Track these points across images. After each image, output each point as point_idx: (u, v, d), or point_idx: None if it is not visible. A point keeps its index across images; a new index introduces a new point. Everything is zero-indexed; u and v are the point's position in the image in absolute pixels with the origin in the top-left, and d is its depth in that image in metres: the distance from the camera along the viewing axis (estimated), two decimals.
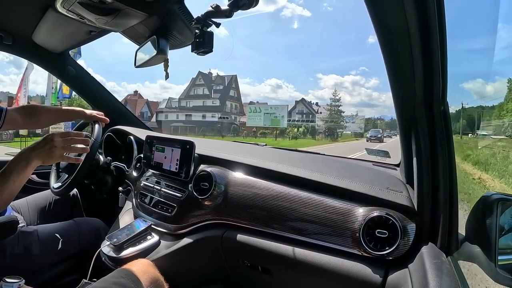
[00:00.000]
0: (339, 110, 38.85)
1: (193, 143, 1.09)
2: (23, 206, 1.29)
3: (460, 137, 9.55)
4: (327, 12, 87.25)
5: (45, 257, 1.10)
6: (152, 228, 1.10)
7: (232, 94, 40.01)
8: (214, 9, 0.77)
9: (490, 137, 8.36)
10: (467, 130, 9.79)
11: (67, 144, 0.94)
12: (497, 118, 9.05)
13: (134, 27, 1.05)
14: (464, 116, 9.33)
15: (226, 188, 1.01)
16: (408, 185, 0.88)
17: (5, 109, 1.12)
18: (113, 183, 1.43)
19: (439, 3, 0.57)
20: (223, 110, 37.73)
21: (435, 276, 0.60)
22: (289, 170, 0.96)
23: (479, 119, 9.34)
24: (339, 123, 37.79)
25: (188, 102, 39.49)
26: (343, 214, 0.82)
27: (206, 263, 1.07)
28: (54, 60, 1.52)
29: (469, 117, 9.66)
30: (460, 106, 9.06)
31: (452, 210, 0.70)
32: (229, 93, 39.23)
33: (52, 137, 0.93)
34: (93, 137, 1.18)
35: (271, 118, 33.60)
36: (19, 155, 0.90)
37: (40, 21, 1.16)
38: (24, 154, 0.90)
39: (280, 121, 33.65)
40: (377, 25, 0.59)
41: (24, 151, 0.91)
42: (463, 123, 9.34)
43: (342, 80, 73.80)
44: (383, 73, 0.67)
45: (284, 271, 0.92)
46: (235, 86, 41.05)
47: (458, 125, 8.93)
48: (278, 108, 34.84)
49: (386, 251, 0.74)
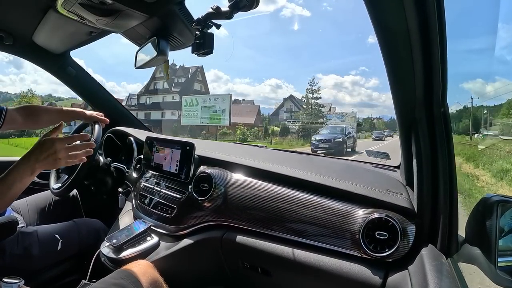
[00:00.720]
0: (318, 104, 31.46)
1: (193, 144, 1.09)
2: (22, 207, 1.29)
3: (470, 138, 9.50)
4: (327, 12, 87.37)
5: (45, 257, 1.10)
6: (151, 229, 1.09)
7: (198, 88, 33.52)
8: (215, 10, 0.77)
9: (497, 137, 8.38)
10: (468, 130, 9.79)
11: (71, 153, 0.93)
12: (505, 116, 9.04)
13: (134, 28, 1.05)
14: (467, 116, 9.34)
15: (226, 189, 1.01)
16: (408, 187, 0.88)
17: (5, 109, 1.12)
18: (113, 184, 1.43)
19: (439, 4, 0.57)
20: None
21: (435, 278, 0.60)
22: (289, 171, 0.96)
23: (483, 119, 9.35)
24: (318, 122, 28.97)
25: (147, 98, 33.11)
26: (343, 216, 0.82)
27: (206, 264, 1.07)
28: (54, 60, 1.53)
29: (473, 116, 9.66)
30: (464, 106, 9.05)
31: (452, 212, 0.70)
32: (193, 87, 32.74)
33: (55, 147, 0.90)
34: (93, 138, 1.18)
35: (209, 113, 23.82)
36: (22, 164, 0.88)
37: (41, 21, 1.17)
38: (28, 164, 0.88)
39: (221, 117, 23.43)
40: (377, 26, 0.59)
41: (27, 161, 0.89)
42: (465, 124, 9.36)
43: (342, 80, 73.54)
44: (383, 73, 0.67)
45: (284, 272, 0.92)
46: (202, 79, 34.67)
47: (462, 124, 8.95)
48: (218, 99, 23.99)
49: (386, 253, 0.74)
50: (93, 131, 1.22)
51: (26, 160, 0.89)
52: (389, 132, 37.30)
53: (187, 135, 21.97)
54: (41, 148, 0.90)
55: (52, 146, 0.90)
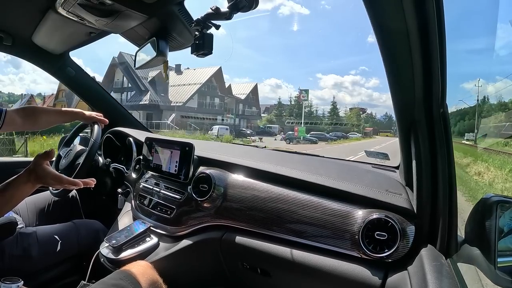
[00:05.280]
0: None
1: (193, 145, 1.09)
2: (22, 208, 1.29)
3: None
4: (325, 11, 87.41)
5: (44, 258, 1.10)
6: (151, 230, 1.09)
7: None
8: (214, 11, 0.78)
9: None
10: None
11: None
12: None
13: (134, 29, 1.05)
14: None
15: (225, 190, 1.01)
16: (407, 187, 0.88)
17: (5, 110, 1.12)
18: (112, 184, 1.42)
19: (439, 5, 0.57)
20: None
21: (434, 279, 0.60)
22: (288, 172, 0.96)
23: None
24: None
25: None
26: (342, 216, 0.82)
27: (205, 265, 1.07)
28: (53, 61, 1.52)
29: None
30: (466, 105, 9.01)
31: (451, 212, 0.70)
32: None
33: (45, 180, 0.88)
34: (92, 139, 1.18)
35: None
36: (23, 179, 0.87)
37: (40, 22, 1.16)
38: (29, 181, 0.87)
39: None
40: (376, 27, 0.60)
41: (28, 178, 0.87)
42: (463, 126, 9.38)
43: (342, 80, 73.50)
44: (383, 73, 0.67)
45: (283, 273, 0.92)
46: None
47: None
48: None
49: (385, 253, 0.74)
50: (92, 131, 1.22)
51: (25, 177, 0.87)
52: (334, 135, 28.29)
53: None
54: (36, 173, 0.88)
55: (44, 177, 0.88)
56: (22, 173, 0.87)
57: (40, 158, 0.89)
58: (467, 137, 14.15)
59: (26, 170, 0.88)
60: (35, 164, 0.88)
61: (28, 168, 0.88)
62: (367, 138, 33.46)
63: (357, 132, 34.48)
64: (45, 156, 0.89)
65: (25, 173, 0.87)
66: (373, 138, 34.39)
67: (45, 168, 0.88)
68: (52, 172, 0.89)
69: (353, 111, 41.65)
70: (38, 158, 0.89)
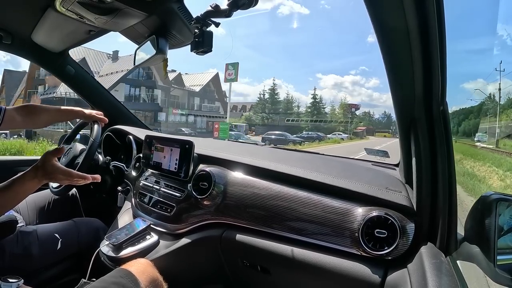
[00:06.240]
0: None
1: (192, 142, 1.09)
2: (22, 206, 1.29)
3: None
4: (325, 11, 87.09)
5: (44, 257, 1.10)
6: (151, 227, 1.09)
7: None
8: (214, 8, 0.78)
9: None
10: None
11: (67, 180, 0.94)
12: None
13: (133, 26, 1.05)
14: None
15: (225, 188, 1.01)
16: (407, 185, 0.88)
17: (4, 109, 1.12)
18: (112, 182, 1.42)
19: (439, 4, 0.57)
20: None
21: (434, 276, 0.60)
22: (288, 169, 0.96)
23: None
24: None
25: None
26: (342, 214, 0.82)
27: (205, 263, 1.07)
28: (53, 59, 1.52)
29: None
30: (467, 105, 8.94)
31: (451, 210, 0.70)
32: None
33: (54, 175, 0.90)
34: (92, 137, 1.18)
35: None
36: (30, 176, 0.88)
37: (40, 20, 1.16)
38: (36, 177, 0.88)
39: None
40: (377, 26, 0.59)
41: (35, 175, 0.88)
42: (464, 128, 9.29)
43: (342, 80, 73.18)
44: (383, 73, 0.67)
45: (284, 271, 0.92)
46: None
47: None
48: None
49: (385, 251, 0.74)
50: (92, 130, 1.22)
51: (32, 175, 0.89)
52: (307, 135, 24.23)
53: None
54: (44, 169, 0.90)
55: (52, 173, 0.90)
56: (29, 170, 0.89)
57: (49, 155, 0.91)
58: (478, 137, 13.51)
59: (33, 167, 0.89)
60: (43, 161, 0.90)
61: (35, 165, 0.89)
62: (355, 139, 28.10)
63: (343, 132, 29.61)
64: (54, 152, 0.92)
65: (32, 170, 0.89)
66: (365, 139, 29.37)
67: (54, 164, 0.90)
68: (61, 168, 0.92)
69: (341, 106, 36.11)
70: (47, 154, 0.91)
